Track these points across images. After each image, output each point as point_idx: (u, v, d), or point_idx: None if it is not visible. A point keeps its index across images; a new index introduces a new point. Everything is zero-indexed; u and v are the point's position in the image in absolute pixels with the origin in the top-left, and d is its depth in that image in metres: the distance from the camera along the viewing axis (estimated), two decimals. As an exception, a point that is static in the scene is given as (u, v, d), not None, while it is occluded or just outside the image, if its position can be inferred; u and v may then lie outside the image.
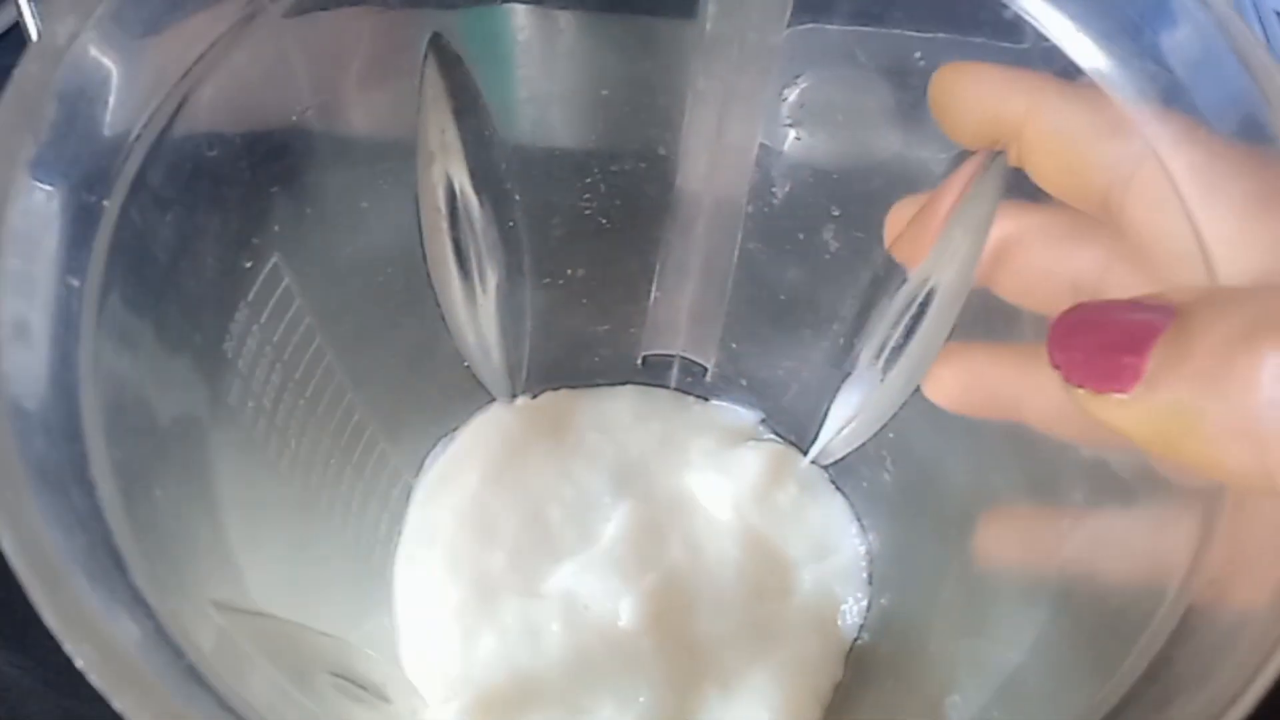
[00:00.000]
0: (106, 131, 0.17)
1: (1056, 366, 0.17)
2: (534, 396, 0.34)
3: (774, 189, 0.28)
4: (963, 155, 0.24)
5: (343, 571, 0.28)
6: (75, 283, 0.15)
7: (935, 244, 0.24)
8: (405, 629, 0.30)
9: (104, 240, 0.16)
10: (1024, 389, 0.23)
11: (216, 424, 0.20)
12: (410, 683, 0.27)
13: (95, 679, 0.12)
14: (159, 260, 0.18)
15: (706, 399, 0.35)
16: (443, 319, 0.29)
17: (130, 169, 0.17)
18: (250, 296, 0.22)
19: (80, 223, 0.16)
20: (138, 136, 0.17)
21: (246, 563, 0.20)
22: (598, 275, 0.31)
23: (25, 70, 0.15)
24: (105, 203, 0.16)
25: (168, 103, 0.18)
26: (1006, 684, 0.21)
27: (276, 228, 0.22)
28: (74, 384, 0.15)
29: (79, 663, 0.12)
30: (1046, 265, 0.23)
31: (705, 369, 0.34)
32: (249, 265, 0.21)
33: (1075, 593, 0.20)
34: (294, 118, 0.21)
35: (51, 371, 0.14)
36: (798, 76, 0.27)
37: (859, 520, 0.32)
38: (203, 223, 0.19)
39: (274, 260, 0.22)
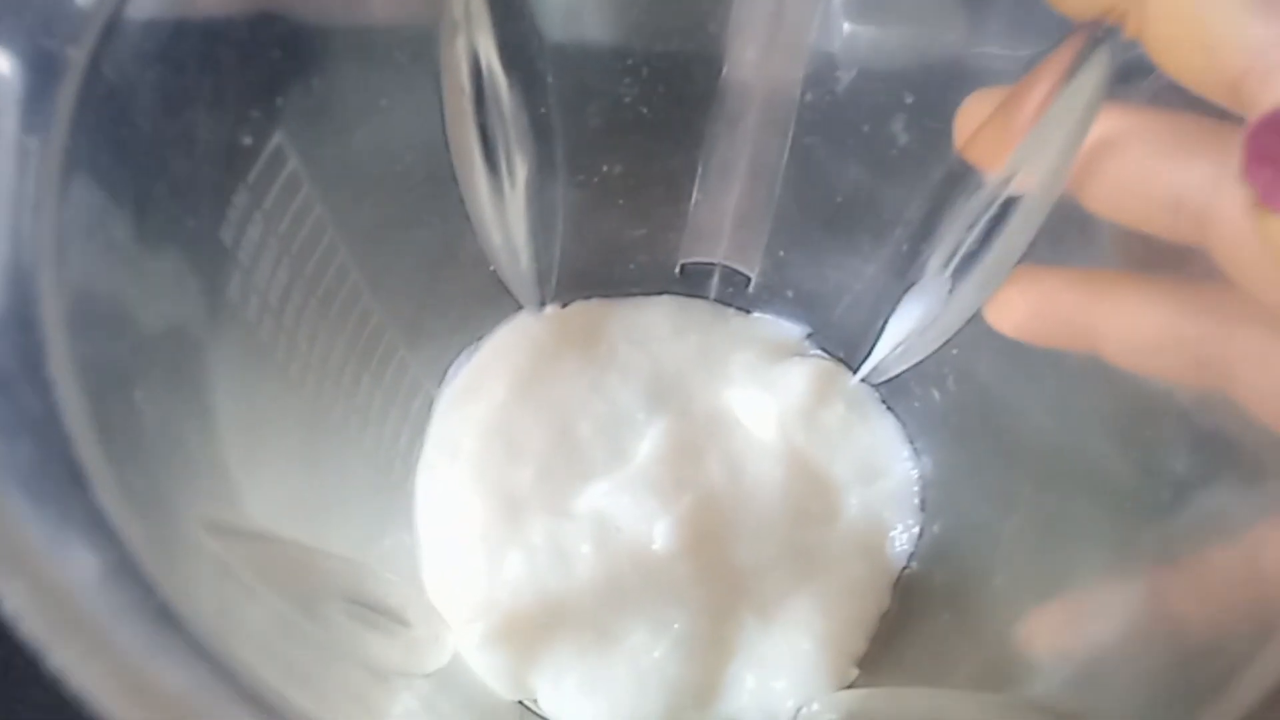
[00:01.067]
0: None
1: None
2: (564, 305, 0.32)
3: (838, 73, 0.25)
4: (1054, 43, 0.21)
5: (359, 486, 0.27)
6: (33, 142, 0.13)
7: (1024, 140, 0.21)
8: (427, 547, 0.29)
9: (69, 96, 0.13)
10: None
11: (213, 320, 0.18)
12: (431, 605, 0.26)
13: (27, 625, 0.10)
14: (138, 127, 0.15)
15: (748, 311, 0.33)
16: (467, 216, 0.27)
17: (102, 11, 0.14)
18: (251, 179, 0.19)
19: (39, 72, 0.13)
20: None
21: (247, 478, 0.18)
22: (636, 173, 0.28)
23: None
24: (71, 50, 0.14)
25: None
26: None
27: (279, 100, 0.19)
28: (29, 264, 0.12)
29: (7, 605, 0.10)
30: (1147, 177, 0.20)
31: (748, 279, 0.32)
32: (248, 142, 0.19)
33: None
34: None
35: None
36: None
37: (911, 443, 0.30)
38: (192, 86, 0.17)
39: (277, 139, 0.20)
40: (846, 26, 0.25)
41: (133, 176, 0.15)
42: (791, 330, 0.32)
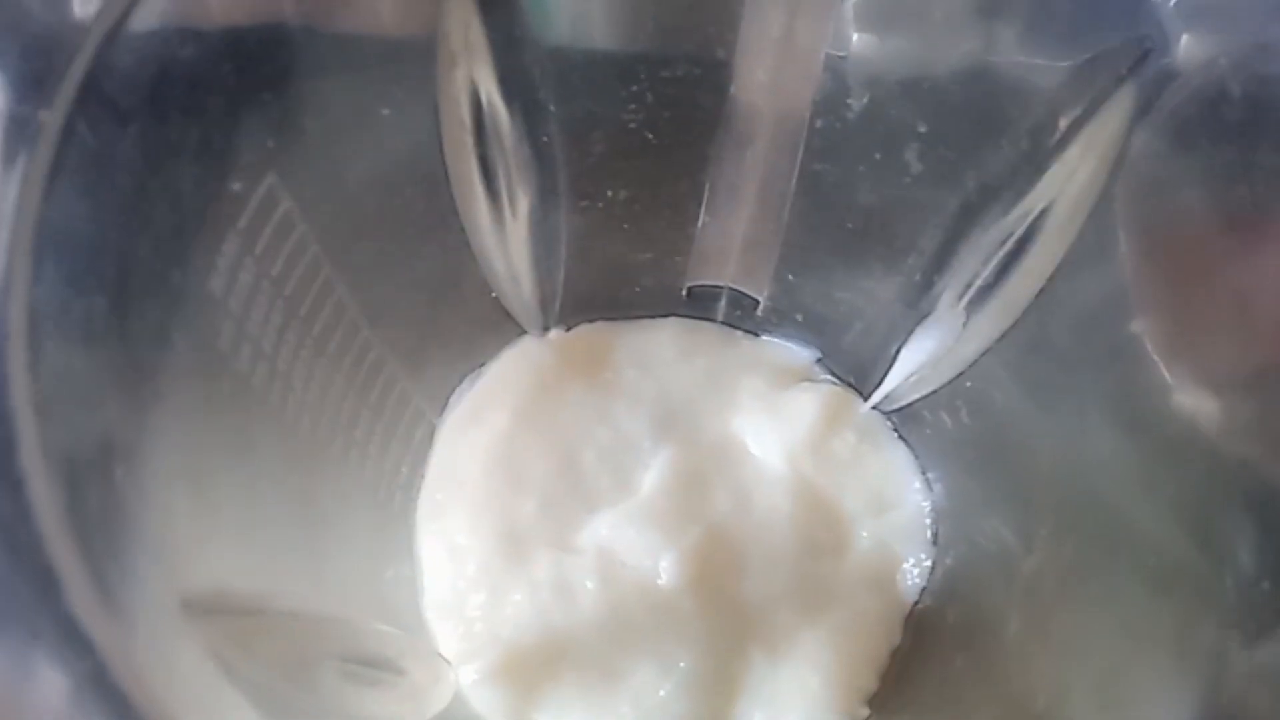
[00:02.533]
0: (44, 19, 0.13)
1: None
2: (568, 329, 0.31)
3: (849, 100, 0.24)
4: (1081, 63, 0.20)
5: (359, 521, 0.26)
6: (5, 209, 0.12)
7: (1049, 167, 0.20)
8: (429, 580, 0.28)
9: (42, 162, 0.13)
10: None
11: (203, 376, 0.18)
12: (430, 647, 0.25)
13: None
14: (118, 186, 0.15)
15: (757, 334, 0.32)
16: (468, 245, 0.26)
17: (77, 71, 0.13)
18: (242, 224, 0.18)
19: (10, 139, 0.12)
20: (87, 29, 0.14)
21: (243, 533, 0.17)
22: (641, 197, 0.28)
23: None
24: (44, 114, 0.13)
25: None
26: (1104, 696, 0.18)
27: (271, 143, 0.19)
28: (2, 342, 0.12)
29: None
30: None
31: (757, 302, 0.31)
32: (238, 188, 0.18)
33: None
34: (289, 9, 0.18)
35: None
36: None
37: (923, 472, 0.29)
38: (177, 139, 0.16)
39: (269, 181, 0.19)
40: (857, 36, 0.25)
41: (113, 239, 0.15)
42: (801, 355, 0.32)
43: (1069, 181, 0.21)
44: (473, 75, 0.22)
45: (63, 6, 0.14)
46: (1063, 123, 0.20)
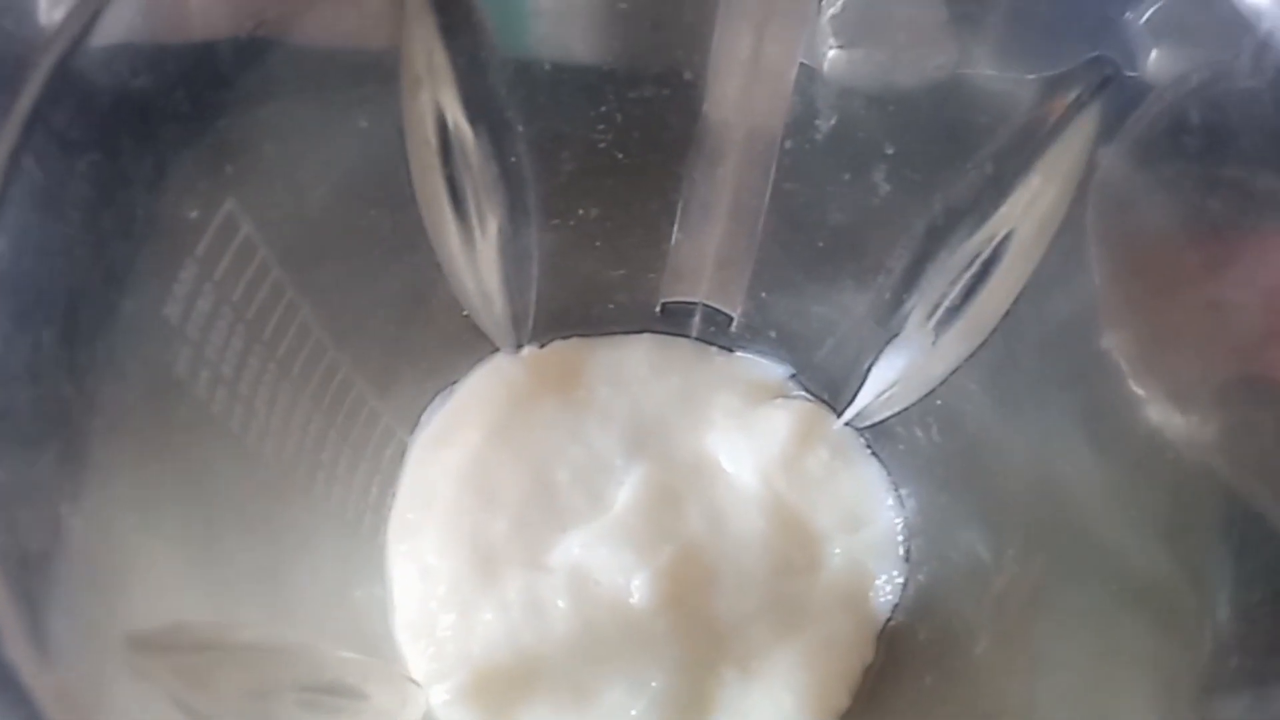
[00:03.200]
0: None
1: None
2: (541, 346, 0.31)
3: (817, 121, 0.24)
4: (1045, 80, 0.20)
5: (327, 543, 0.26)
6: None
7: (1012, 192, 0.20)
8: (399, 600, 0.28)
9: (-16, 201, 0.13)
10: None
11: (157, 405, 0.17)
12: (396, 671, 0.25)
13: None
14: (69, 219, 0.15)
15: (731, 350, 0.32)
16: (438, 265, 0.26)
17: (23, 104, 0.13)
18: (199, 251, 0.18)
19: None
20: (32, 59, 0.13)
21: (199, 565, 0.17)
22: (613, 215, 0.28)
23: None
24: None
25: (78, 13, 0.14)
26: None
27: (229, 169, 0.19)
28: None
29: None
30: None
31: (730, 318, 0.31)
32: (195, 215, 0.18)
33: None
34: (243, 33, 0.18)
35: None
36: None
37: (896, 490, 0.29)
38: (130, 169, 0.16)
39: (228, 207, 0.19)
40: (832, 49, 0.25)
41: (61, 273, 0.15)
42: (775, 370, 0.32)
43: (1033, 205, 0.21)
44: (437, 97, 0.22)
45: (10, 43, 0.14)
46: (1026, 147, 0.20)
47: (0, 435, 0.12)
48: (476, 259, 0.27)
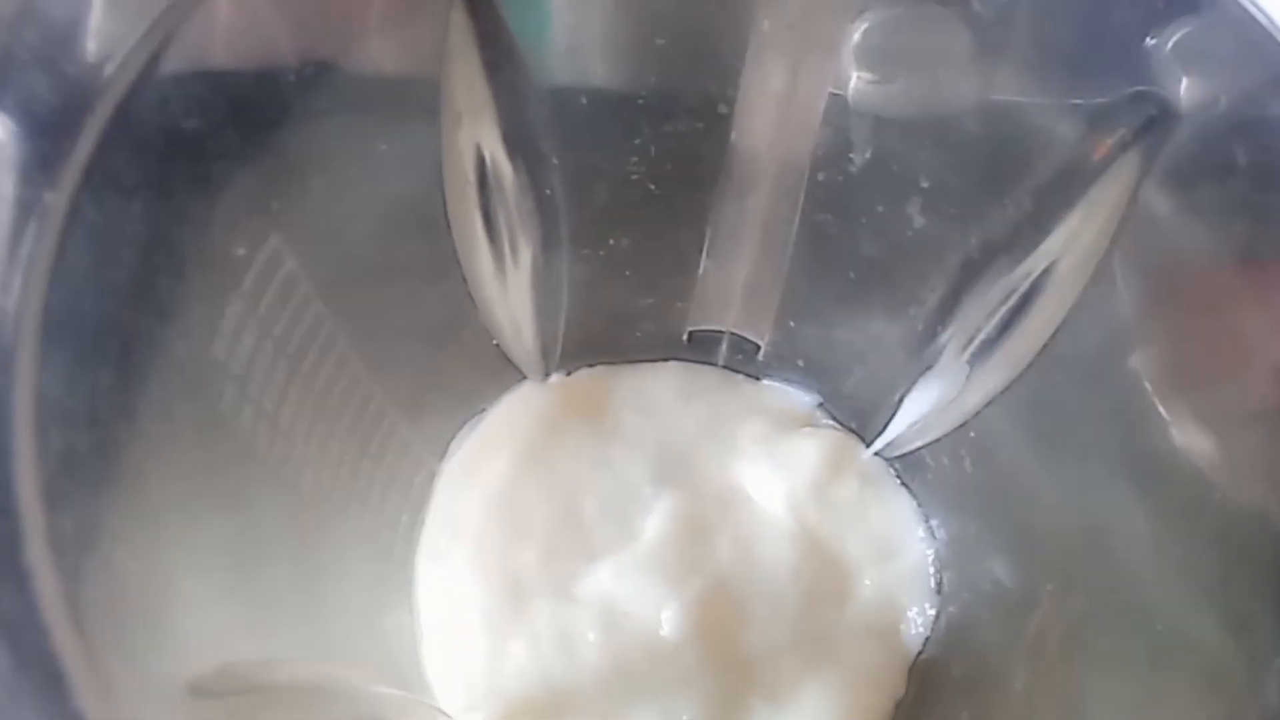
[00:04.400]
0: (51, 102, 0.13)
1: None
2: (568, 374, 0.31)
3: (850, 153, 0.24)
4: (1088, 116, 0.20)
5: (358, 571, 0.26)
6: (7, 304, 0.12)
7: (1053, 228, 0.20)
8: (428, 630, 0.28)
9: (48, 245, 0.13)
10: None
11: (205, 442, 0.17)
12: (429, 704, 0.25)
13: None
14: (124, 261, 0.15)
15: (758, 379, 0.32)
16: (470, 295, 0.26)
17: (83, 149, 0.13)
18: (245, 287, 0.18)
19: (17, 223, 0.12)
20: (89, 104, 0.14)
21: (243, 600, 0.17)
22: (643, 246, 0.28)
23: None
24: (48, 196, 0.13)
25: (133, 57, 0.15)
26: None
27: (275, 205, 0.19)
28: (4, 437, 0.11)
29: None
30: None
31: (758, 347, 0.31)
32: (242, 252, 0.18)
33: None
34: (293, 75, 0.18)
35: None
36: (863, 11, 0.23)
37: (926, 521, 0.29)
38: (181, 210, 0.16)
39: (273, 243, 0.19)
40: (856, 77, 0.25)
41: (117, 314, 0.15)
42: (803, 400, 0.31)
43: (1073, 241, 0.21)
44: (477, 132, 0.22)
45: (70, 89, 0.14)
46: (1069, 185, 0.20)
47: (62, 483, 0.12)
48: (508, 288, 0.27)
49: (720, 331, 0.31)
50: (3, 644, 0.11)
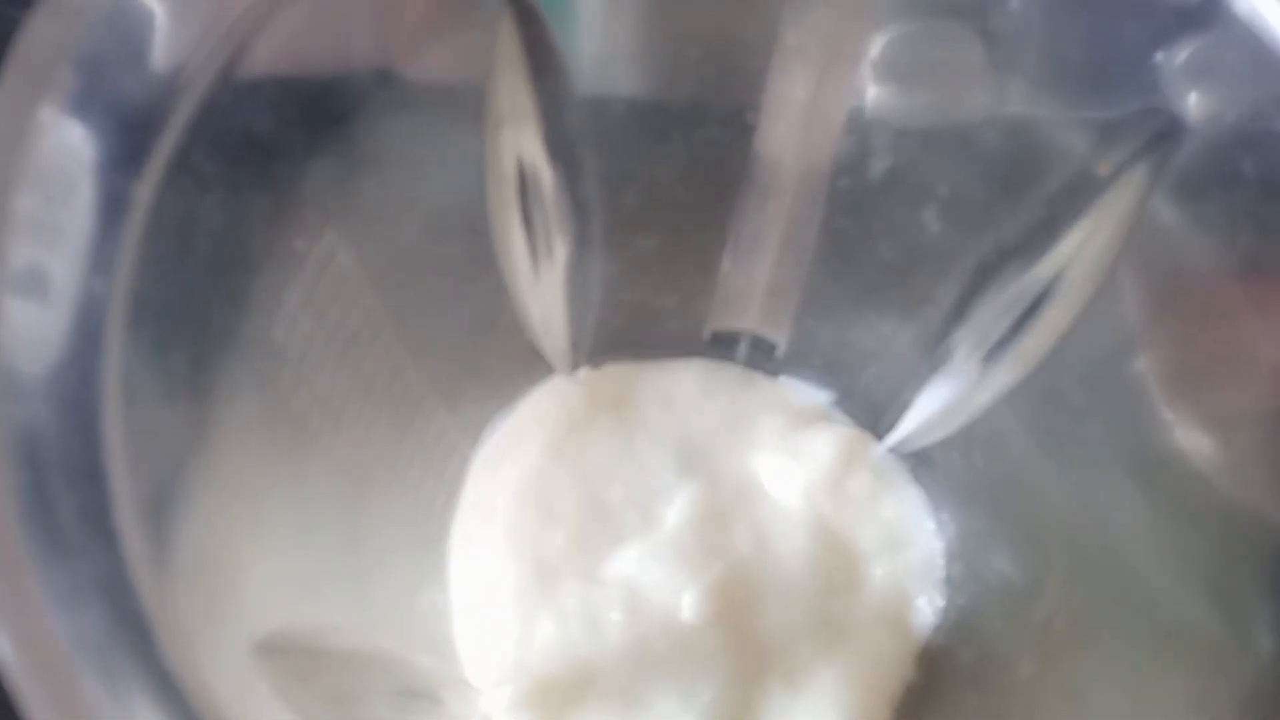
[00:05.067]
0: (137, 97, 0.14)
1: None
2: (595, 368, 0.32)
3: (871, 161, 0.25)
4: (1100, 129, 0.21)
5: (396, 549, 0.27)
6: (99, 287, 0.13)
7: (1064, 236, 0.21)
8: (460, 608, 0.29)
9: (134, 234, 0.14)
10: None
11: (266, 420, 0.19)
12: (463, 678, 0.26)
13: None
14: (200, 251, 0.16)
15: (776, 376, 0.33)
16: (505, 290, 0.27)
17: (166, 147, 0.15)
18: (303, 277, 0.20)
19: (106, 214, 0.14)
20: (174, 105, 0.15)
21: (299, 571, 0.18)
22: (670, 246, 0.29)
23: (37, 30, 0.13)
24: (136, 188, 0.14)
25: (209, 62, 0.16)
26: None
27: (332, 202, 0.20)
28: (94, 407, 0.13)
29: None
30: None
31: (777, 345, 0.32)
32: (300, 244, 0.19)
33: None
34: (354, 84, 0.19)
35: (66, 392, 0.12)
36: (883, 26, 0.24)
37: (936, 514, 0.30)
38: (249, 204, 0.17)
39: (329, 237, 0.20)
40: (875, 88, 0.26)
41: (192, 301, 0.16)
42: (819, 397, 0.33)
43: (1084, 248, 0.22)
44: (519, 136, 0.23)
45: (155, 85, 0.15)
46: (1079, 196, 0.21)
47: (147, 451, 0.14)
48: (542, 286, 0.28)
49: (741, 330, 0.32)
50: (100, 600, 0.12)
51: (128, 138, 0.15)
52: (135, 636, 0.12)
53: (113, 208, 0.14)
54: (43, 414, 0.12)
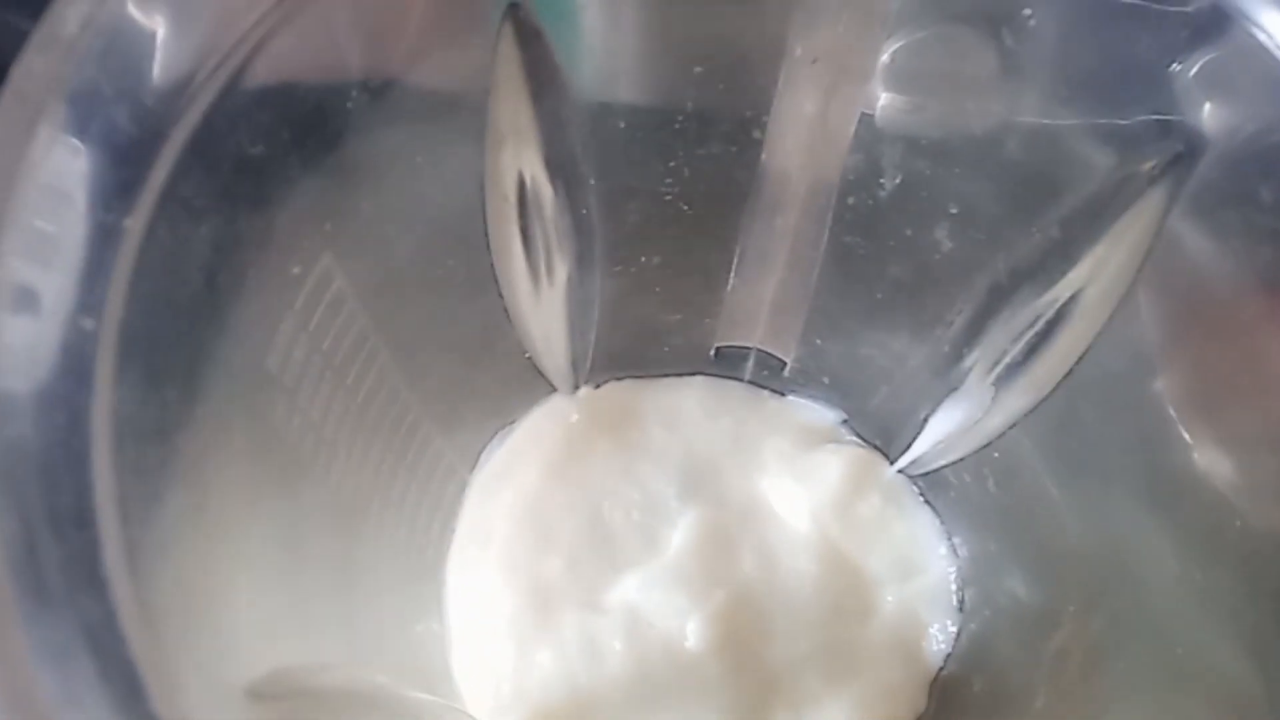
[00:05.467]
0: (130, 131, 0.14)
1: None
2: (597, 387, 0.32)
3: (881, 178, 0.25)
4: (1117, 148, 0.21)
5: (392, 579, 0.26)
6: (89, 325, 0.13)
7: (1080, 258, 0.21)
8: (457, 636, 0.28)
9: (124, 269, 0.13)
10: None
11: (258, 451, 0.18)
12: (462, 711, 0.25)
13: None
14: (192, 281, 0.15)
15: (783, 394, 0.32)
16: (505, 312, 0.27)
17: (158, 178, 0.14)
18: (298, 304, 0.19)
19: (97, 248, 0.13)
20: (164, 133, 0.14)
21: (292, 606, 0.18)
22: (674, 263, 0.28)
23: (30, 63, 0.12)
24: (127, 222, 0.13)
25: (204, 89, 0.15)
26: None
27: (328, 226, 0.19)
28: (84, 450, 0.12)
29: None
30: None
31: (783, 363, 0.31)
32: (297, 271, 0.19)
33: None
34: (350, 104, 0.19)
35: (51, 440, 0.12)
36: (891, 35, 0.24)
37: (949, 538, 0.30)
38: (244, 231, 0.17)
39: (325, 261, 0.20)
40: (884, 98, 0.25)
41: (184, 332, 0.15)
42: (827, 416, 0.32)
43: (1100, 269, 0.21)
44: (519, 154, 0.23)
45: (148, 115, 0.15)
46: (1096, 217, 0.20)
47: (135, 492, 0.13)
48: (542, 304, 0.27)
49: (747, 348, 0.32)
50: (88, 652, 0.11)
51: (120, 170, 0.14)
52: (125, 689, 0.11)
53: (104, 240, 0.14)
54: (31, 441, 0.12)
